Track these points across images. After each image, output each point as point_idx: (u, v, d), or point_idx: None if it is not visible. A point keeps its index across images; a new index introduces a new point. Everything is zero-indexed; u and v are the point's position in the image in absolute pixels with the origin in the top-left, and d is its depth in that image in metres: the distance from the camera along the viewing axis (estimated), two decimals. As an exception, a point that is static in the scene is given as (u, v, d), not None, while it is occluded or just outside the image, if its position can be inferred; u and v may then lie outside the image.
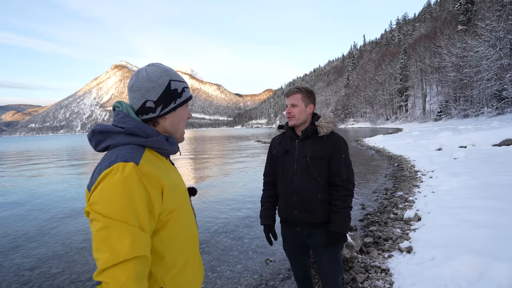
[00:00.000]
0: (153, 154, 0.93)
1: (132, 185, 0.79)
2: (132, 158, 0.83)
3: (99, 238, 0.76)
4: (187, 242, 0.97)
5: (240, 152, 19.36)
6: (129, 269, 0.74)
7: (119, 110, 0.96)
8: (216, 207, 5.99)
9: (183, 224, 0.96)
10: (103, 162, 0.85)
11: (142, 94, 0.95)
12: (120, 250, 0.74)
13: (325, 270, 1.79)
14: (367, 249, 3.41)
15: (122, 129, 0.90)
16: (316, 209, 1.72)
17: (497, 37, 29.90)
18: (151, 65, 1.00)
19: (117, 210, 0.76)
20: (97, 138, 0.92)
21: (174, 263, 0.91)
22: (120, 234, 0.75)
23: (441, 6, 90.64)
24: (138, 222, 0.78)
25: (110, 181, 0.79)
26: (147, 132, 0.92)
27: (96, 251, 0.76)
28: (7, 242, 4.60)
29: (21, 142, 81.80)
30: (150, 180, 0.83)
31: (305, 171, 1.72)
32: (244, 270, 3.27)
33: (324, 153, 1.71)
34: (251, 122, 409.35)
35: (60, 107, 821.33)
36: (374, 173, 8.94)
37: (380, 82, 74.65)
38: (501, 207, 3.85)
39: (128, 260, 0.74)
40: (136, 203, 0.79)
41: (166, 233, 0.89)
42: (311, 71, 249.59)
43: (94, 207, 0.78)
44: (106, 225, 0.75)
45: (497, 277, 2.24)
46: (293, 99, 1.76)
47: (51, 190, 8.69)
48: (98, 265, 0.75)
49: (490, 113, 30.20)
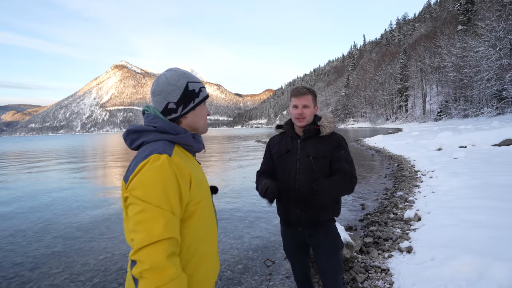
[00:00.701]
0: (181, 150, 1.04)
1: (165, 174, 0.89)
2: (165, 151, 0.93)
3: (136, 220, 0.85)
4: (209, 234, 1.07)
5: (240, 152, 19.36)
6: (162, 248, 0.83)
7: (148, 113, 1.07)
8: (216, 207, 5.99)
9: (207, 217, 1.05)
10: (139, 155, 0.95)
11: (164, 97, 1.05)
12: (154, 231, 0.83)
13: (326, 270, 1.79)
14: (367, 249, 3.41)
15: (154, 127, 1.00)
16: (318, 209, 1.72)
17: (497, 37, 29.89)
18: (169, 70, 1.10)
19: (153, 195, 0.86)
20: (132, 136, 1.03)
21: (196, 251, 0.99)
22: (155, 217, 0.84)
23: (441, 6, 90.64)
24: (171, 207, 0.88)
25: (147, 170, 0.88)
26: (176, 130, 1.03)
27: (133, 232, 0.85)
28: (7, 242, 4.60)
29: (22, 142, 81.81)
30: (180, 170, 0.93)
31: (308, 171, 1.72)
32: (245, 270, 3.27)
33: (326, 152, 1.73)
34: (251, 122, 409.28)
35: (60, 107, 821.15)
36: (374, 173, 8.94)
37: (380, 82, 74.63)
38: (501, 207, 3.85)
39: (161, 240, 0.83)
40: (169, 190, 0.88)
41: (193, 222, 0.98)
42: (311, 71, 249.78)
43: (133, 192, 0.87)
44: (143, 209, 0.85)
45: (497, 277, 2.24)
46: (305, 100, 1.74)
47: (51, 190, 8.69)
48: (134, 245, 0.84)
49: (490, 113, 30.20)
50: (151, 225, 0.83)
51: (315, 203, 1.71)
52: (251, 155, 17.48)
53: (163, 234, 0.83)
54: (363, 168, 10.06)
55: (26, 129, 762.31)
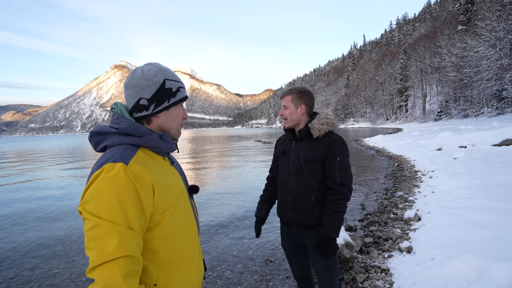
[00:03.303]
0: (147, 153, 0.94)
1: (120, 185, 0.80)
2: (122, 159, 0.84)
3: (89, 236, 0.78)
4: (184, 239, 0.99)
5: (240, 152, 19.35)
6: (116, 268, 0.75)
7: (114, 111, 0.98)
8: (216, 207, 6.00)
9: (179, 223, 0.97)
10: (96, 163, 0.87)
11: (136, 92, 0.96)
12: (107, 249, 0.76)
13: (321, 271, 1.79)
14: (367, 249, 3.41)
15: (116, 129, 0.92)
16: (309, 211, 1.71)
17: (497, 37, 29.88)
18: (148, 64, 1.01)
19: (106, 209, 0.78)
20: (96, 139, 0.95)
21: (169, 261, 0.92)
22: (107, 233, 0.77)
23: (441, 6, 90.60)
24: (127, 222, 0.79)
25: (100, 181, 0.80)
26: (140, 131, 0.93)
27: (87, 249, 0.79)
28: (7, 242, 4.60)
29: (22, 142, 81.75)
30: (140, 179, 0.84)
31: (298, 173, 1.72)
32: (245, 270, 3.27)
33: (316, 156, 1.69)
34: (251, 122, 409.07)
35: (60, 107, 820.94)
36: (374, 173, 8.94)
37: (380, 82, 74.62)
38: (501, 207, 3.85)
39: (116, 259, 0.76)
40: (125, 203, 0.80)
41: (160, 231, 0.90)
42: (311, 71, 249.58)
43: (85, 206, 0.80)
44: (95, 225, 0.77)
45: (497, 277, 2.24)
46: (284, 101, 1.79)
47: (51, 190, 8.69)
48: (89, 263, 0.77)
49: (490, 113, 30.19)
50: (104, 242, 0.76)
51: (305, 206, 1.72)
52: (251, 155, 17.47)
53: (116, 252, 0.76)
54: (363, 168, 10.05)
55: (26, 129, 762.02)
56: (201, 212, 5.60)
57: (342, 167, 1.67)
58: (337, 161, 1.67)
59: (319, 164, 1.69)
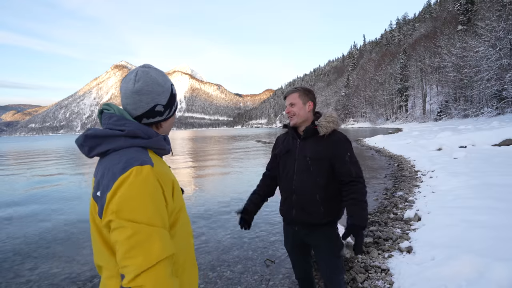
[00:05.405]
0: (154, 155, 0.94)
1: (152, 187, 0.81)
2: (146, 161, 0.83)
3: (130, 245, 0.75)
4: (187, 239, 1.00)
5: (240, 152, 19.34)
6: (163, 269, 0.77)
7: (110, 113, 0.92)
8: (216, 207, 5.99)
9: (186, 222, 1.00)
10: (112, 167, 0.82)
11: (153, 98, 0.94)
12: (152, 253, 0.76)
13: (325, 269, 1.78)
14: (367, 249, 3.40)
15: (121, 131, 0.87)
16: (314, 210, 1.70)
17: (497, 37, 29.87)
18: (151, 68, 0.97)
19: (144, 213, 0.77)
20: (91, 143, 0.88)
21: (179, 258, 0.93)
22: (149, 237, 0.76)
23: (441, 6, 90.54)
24: (163, 222, 0.81)
25: (131, 186, 0.78)
26: (148, 134, 0.92)
27: (126, 258, 0.75)
28: (7, 242, 4.60)
29: (22, 142, 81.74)
30: (164, 179, 0.86)
31: (305, 172, 1.71)
32: (245, 270, 3.27)
33: (324, 154, 1.69)
34: (251, 122, 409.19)
35: (60, 107, 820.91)
36: (374, 173, 8.94)
37: (380, 82, 74.62)
38: (501, 207, 3.85)
39: (161, 261, 0.77)
40: (158, 204, 0.81)
41: (176, 231, 0.91)
42: (311, 71, 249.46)
43: (119, 214, 0.77)
44: (135, 231, 0.76)
45: (497, 277, 2.24)
46: (291, 98, 1.77)
47: (51, 190, 8.69)
48: (130, 272, 0.74)
49: (490, 113, 30.21)
50: (148, 246, 0.75)
51: (310, 205, 1.71)
52: (251, 155, 17.47)
53: (161, 254, 0.77)
54: (363, 168, 9.97)
55: (26, 129, 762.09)
56: (201, 212, 5.60)
57: (354, 161, 1.72)
58: (348, 157, 1.71)
59: (326, 162, 1.69)
